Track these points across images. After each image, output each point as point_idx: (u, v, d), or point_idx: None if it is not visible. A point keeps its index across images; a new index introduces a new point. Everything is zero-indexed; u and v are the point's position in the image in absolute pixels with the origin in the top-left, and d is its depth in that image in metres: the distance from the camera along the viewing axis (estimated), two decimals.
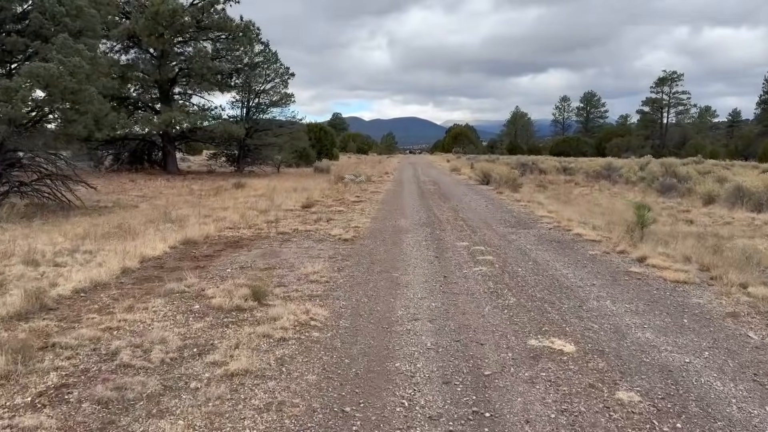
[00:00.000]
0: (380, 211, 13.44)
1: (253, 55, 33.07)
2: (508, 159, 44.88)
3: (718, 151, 76.87)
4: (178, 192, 21.37)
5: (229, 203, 15.35)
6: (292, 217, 12.11)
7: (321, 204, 15.05)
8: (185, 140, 34.97)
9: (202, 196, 19.16)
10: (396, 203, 15.36)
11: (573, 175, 30.70)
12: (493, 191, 19.30)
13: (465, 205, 14.76)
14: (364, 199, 16.20)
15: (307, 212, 13.11)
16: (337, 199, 16.31)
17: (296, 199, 15.86)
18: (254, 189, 20.87)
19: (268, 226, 10.64)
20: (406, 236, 9.63)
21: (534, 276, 6.64)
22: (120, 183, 25.97)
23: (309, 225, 10.83)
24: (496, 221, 11.68)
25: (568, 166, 32.28)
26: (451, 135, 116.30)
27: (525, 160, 34.91)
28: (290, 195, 17.06)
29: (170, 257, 7.83)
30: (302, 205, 14.29)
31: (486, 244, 8.83)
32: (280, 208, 13.76)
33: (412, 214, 12.89)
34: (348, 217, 12.23)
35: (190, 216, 12.25)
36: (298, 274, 6.65)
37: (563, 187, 22.25)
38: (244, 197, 17.28)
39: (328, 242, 8.97)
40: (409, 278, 6.52)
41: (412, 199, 16.46)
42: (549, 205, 14.65)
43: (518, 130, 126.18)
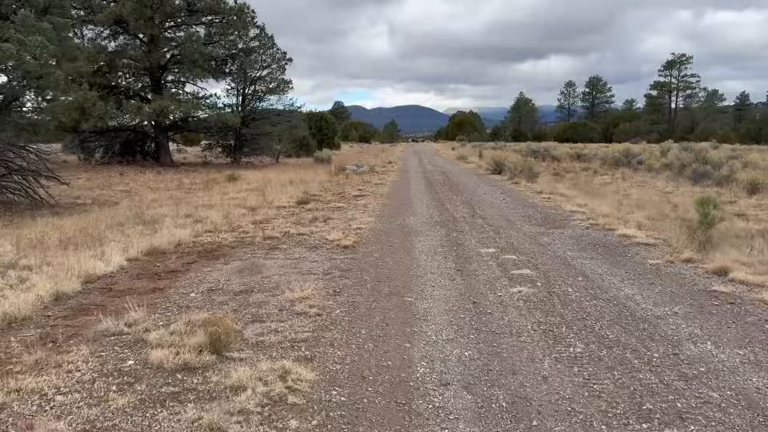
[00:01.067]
0: (385, 207, 11.83)
1: (248, 40, 31.33)
2: (517, 146, 43.12)
3: (730, 135, 74.86)
4: (166, 186, 19.80)
5: (217, 199, 13.77)
6: (284, 217, 10.51)
7: (319, 199, 13.45)
8: (179, 130, 33.30)
9: (190, 191, 17.60)
10: (403, 197, 13.75)
11: (588, 162, 29.00)
12: (507, 182, 17.66)
13: (480, 199, 13.14)
14: (366, 193, 14.59)
15: (302, 210, 11.51)
16: (337, 194, 14.70)
17: (291, 193, 14.27)
18: (248, 182, 19.29)
19: (255, 229, 9.05)
20: (417, 240, 8.03)
21: (592, 301, 5.04)
22: (108, 176, 24.44)
23: (303, 226, 9.23)
24: (520, 218, 10.07)
25: (581, 152, 30.56)
26: (455, 122, 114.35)
27: (536, 147, 33.17)
28: (285, 189, 15.46)
29: (126, 274, 6.25)
30: (297, 201, 12.69)
31: (516, 250, 7.22)
32: (272, 204, 12.17)
33: (421, 210, 11.28)
34: (349, 215, 10.62)
35: (168, 216, 10.67)
36: (281, 300, 5.06)
37: (582, 176, 20.58)
38: (235, 192, 15.69)
39: (323, 250, 7.37)
40: (427, 305, 4.93)
41: (421, 192, 14.84)
42: (575, 197, 13.01)
43: (522, 117, 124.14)
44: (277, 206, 11.99)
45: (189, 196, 15.37)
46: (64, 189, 18.00)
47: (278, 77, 32.05)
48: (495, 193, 14.56)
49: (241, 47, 31.16)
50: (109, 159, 31.46)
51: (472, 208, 11.43)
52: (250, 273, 6.13)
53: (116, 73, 29.17)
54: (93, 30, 29.53)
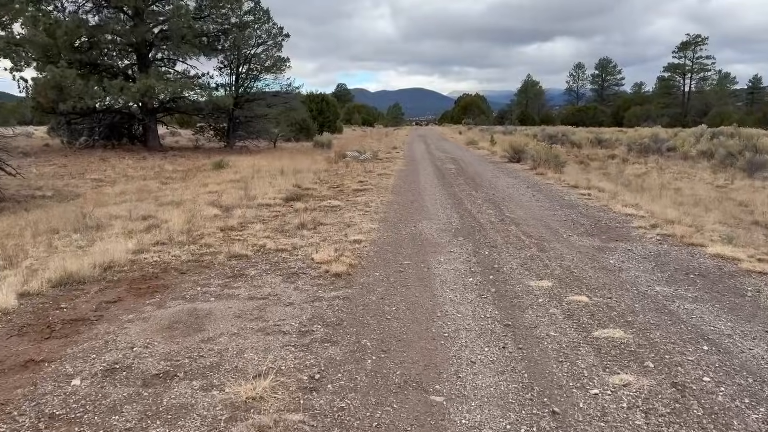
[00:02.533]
0: (391, 206, 9.64)
1: (241, 14, 28.91)
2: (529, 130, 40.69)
3: (746, 119, 72.03)
4: (144, 174, 17.66)
5: (191, 193, 11.61)
6: (264, 220, 8.34)
7: (312, 195, 11.27)
8: (168, 112, 31.02)
9: (168, 180, 15.44)
10: (411, 192, 11.56)
11: (610, 148, 26.69)
12: (530, 172, 15.43)
13: (505, 195, 10.94)
14: (369, 186, 12.40)
15: (290, 210, 9.34)
16: (335, 187, 12.51)
17: (281, 186, 12.10)
18: (235, 170, 17.12)
19: (222, 240, 6.89)
20: (436, 261, 5.88)
21: (752, 404, 2.88)
22: (87, 162, 22.32)
23: (285, 237, 7.06)
24: (563, 224, 7.89)
25: (602, 137, 28.21)
26: (461, 105, 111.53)
27: (553, 131, 30.79)
28: (275, 180, 13.29)
29: (3, 326, 4.13)
30: (285, 198, 10.51)
31: (582, 283, 5.04)
32: (254, 202, 10.00)
33: (436, 211, 9.10)
34: (346, 218, 8.44)
35: (120, 218, 8.53)
36: (213, 404, 2.92)
37: (612, 165, 18.32)
38: (217, 182, 13.53)
39: (306, 279, 5.22)
40: (471, 416, 2.80)
41: (432, 186, 12.63)
42: (619, 193, 10.81)
43: (530, 100, 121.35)
44: (259, 204, 9.82)
45: (162, 189, 13.22)
46: (29, 178, 15.90)
47: (274, 54, 29.68)
48: (520, 186, 12.35)
49: (234, 22, 28.77)
50: (93, 143, 29.26)
51: (499, 209, 9.24)
52: (186, 330, 3.97)
53: (99, 49, 26.84)
54: (74, 3, 27.22)
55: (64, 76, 23.88)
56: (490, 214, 8.73)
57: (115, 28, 26.19)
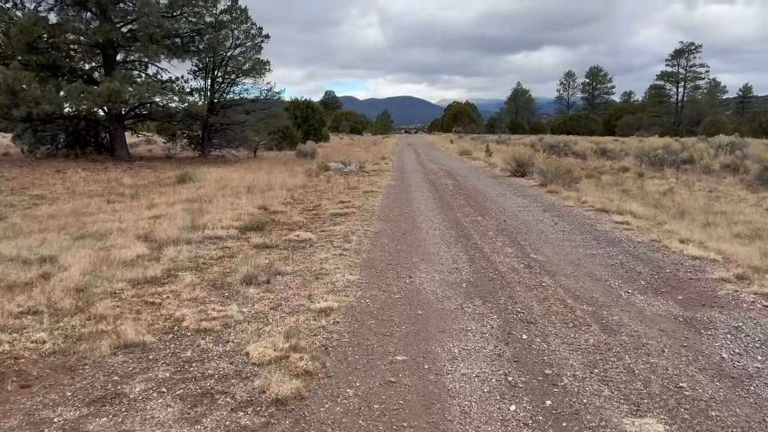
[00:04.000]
0: (378, 240, 7.39)
1: (217, 13, 26.64)
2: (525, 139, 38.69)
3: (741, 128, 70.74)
4: (94, 190, 15.26)
5: (129, 217, 9.28)
6: (202, 266, 6.05)
7: (279, 221, 8.99)
8: (138, 119, 28.58)
9: (117, 198, 13.07)
10: (403, 218, 9.32)
11: (616, 159, 24.69)
12: (540, 189, 13.27)
13: (519, 222, 8.74)
14: (351, 208, 10.13)
15: (243, 246, 7.05)
16: (309, 209, 10.23)
17: (243, 209, 9.82)
18: (199, 185, 14.82)
19: (123, 307, 4.61)
20: (447, 357, 3.62)
21: None
22: (40, 174, 19.87)
23: (218, 301, 4.78)
24: (613, 273, 5.70)
25: (607, 147, 26.19)
26: (451, 113, 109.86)
27: (553, 141, 28.70)
28: (238, 199, 11.01)
29: None
30: (243, 227, 8.23)
31: (716, 423, 2.84)
32: (200, 233, 7.71)
33: (437, 248, 6.88)
34: (315, 263, 6.17)
35: (13, 260, 6.22)
36: None
37: (626, 179, 16.23)
38: (169, 203, 11.21)
39: (222, 414, 2.96)
40: None
41: (428, 208, 10.40)
42: (661, 220, 8.65)
43: (519, 108, 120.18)
44: (205, 236, 7.54)
45: (102, 210, 10.88)
46: None
47: (253, 57, 27.38)
48: (534, 209, 10.16)
49: (208, 21, 26.47)
50: (56, 151, 26.81)
51: (519, 245, 7.03)
52: None
53: (60, 50, 24.42)
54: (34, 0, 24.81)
55: (17, 78, 21.48)
56: (510, 255, 6.52)
57: (76, 26, 23.80)
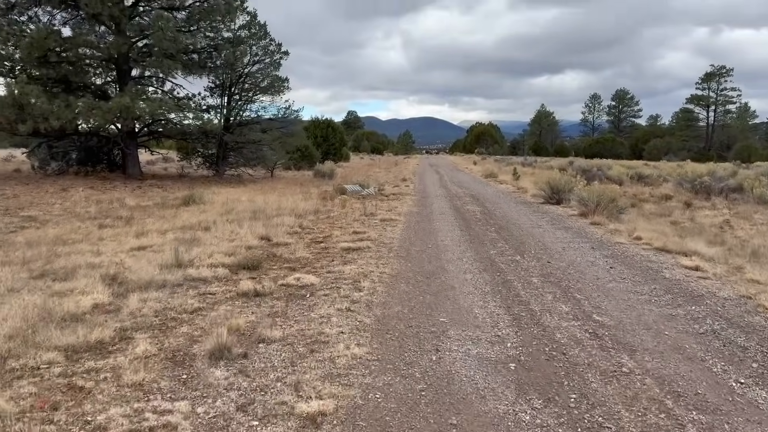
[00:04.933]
0: (395, 287, 5.96)
1: (235, 29, 25.77)
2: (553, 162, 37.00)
3: None
4: (91, 212, 14.08)
5: (111, 248, 8.00)
6: (165, 327, 4.67)
7: (280, 257, 7.61)
8: (152, 136, 27.69)
9: (107, 225, 11.84)
10: (426, 255, 7.88)
11: (653, 185, 22.99)
12: (580, 220, 11.74)
13: (567, 264, 7.24)
14: (366, 242, 8.71)
15: (227, 294, 5.68)
16: (317, 241, 8.85)
17: (242, 239, 8.49)
18: (204, 208, 13.60)
19: (18, 413, 3.25)
20: None
21: None
22: (44, 192, 18.89)
23: (163, 401, 3.40)
24: (712, 351, 4.17)
25: (643, 173, 24.49)
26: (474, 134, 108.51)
27: (586, 164, 27.07)
28: (240, 227, 9.67)
29: None
30: (237, 264, 6.87)
31: None
32: (182, 272, 6.36)
33: (469, 301, 5.42)
34: (313, 325, 4.72)
35: None
36: None
37: (674, 209, 14.58)
38: (161, 231, 9.93)
39: None
40: None
41: (455, 243, 8.94)
42: (738, 264, 7.10)
43: (543, 130, 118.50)
44: (187, 277, 6.19)
45: (88, 237, 9.63)
46: None
47: (271, 74, 26.38)
48: (581, 247, 8.64)
49: (226, 37, 25.61)
50: (67, 168, 26.02)
51: (575, 301, 5.53)
52: None
53: (72, 64, 23.67)
54: (49, 12, 24.21)
55: (24, 92, 20.69)
56: (566, 316, 5.03)
57: (89, 40, 23.02)
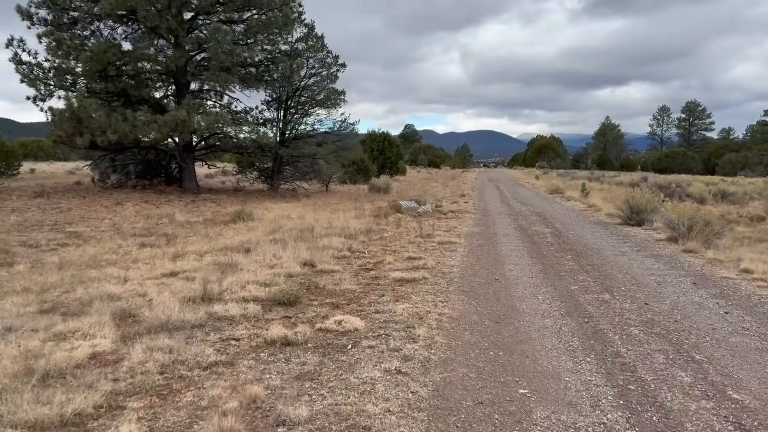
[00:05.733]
0: (457, 337, 4.77)
1: (293, 41, 25.35)
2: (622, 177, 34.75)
3: None
4: (137, 229, 13.61)
5: (141, 274, 7.22)
6: (166, 393, 3.70)
7: (322, 289, 6.57)
8: (209, 150, 27.58)
9: (149, 243, 11.22)
10: (493, 290, 6.67)
11: (739, 204, 20.81)
12: (668, 245, 10.20)
13: (670, 308, 5.87)
14: (421, 272, 7.57)
15: (260, 333, 4.68)
16: (367, 269, 7.78)
17: (284, 265, 7.56)
18: (251, 226, 12.87)
19: None
20: None
21: None
22: (99, 205, 18.82)
23: None
24: None
25: (726, 190, 22.26)
26: (535, 147, 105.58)
27: (663, 180, 24.98)
28: (283, 250, 8.76)
29: None
30: (272, 297, 5.90)
31: None
32: (210, 308, 5.44)
33: (556, 364, 4.18)
34: (355, 389, 3.66)
35: None
36: None
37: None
38: (199, 253, 9.15)
39: None
40: None
41: (528, 274, 7.68)
42: None
43: (608, 143, 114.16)
44: (210, 316, 5.25)
45: (123, 259, 8.96)
46: None
47: (328, 86, 25.78)
48: (679, 282, 7.21)
49: (283, 49, 25.23)
50: (126, 181, 26.23)
51: (697, 366, 4.22)
52: None
53: (131, 78, 23.82)
54: (110, 26, 24.52)
55: (83, 106, 20.82)
56: (692, 392, 3.73)
57: (147, 53, 23.08)
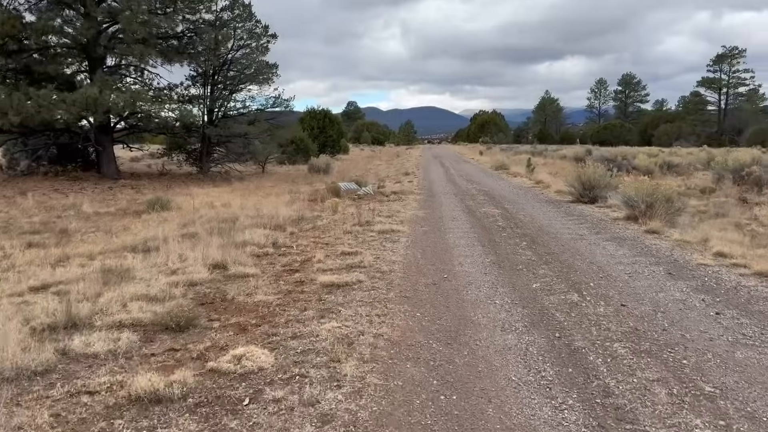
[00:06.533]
0: (397, 375, 3.58)
1: (217, 11, 23.27)
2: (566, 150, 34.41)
3: None
4: (31, 224, 11.72)
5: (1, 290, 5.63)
6: None
7: (229, 303, 5.16)
8: (130, 131, 25.24)
9: (31, 245, 9.46)
10: (443, 296, 5.48)
11: (685, 175, 20.56)
12: (627, 224, 9.34)
13: (652, 311, 4.85)
14: (356, 273, 6.29)
15: (123, 389, 3.32)
16: (292, 270, 6.44)
17: (186, 270, 6.13)
18: (168, 216, 11.25)
19: None
20: None
21: None
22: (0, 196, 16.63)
23: None
24: None
25: (672, 162, 21.99)
26: (477, 122, 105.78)
27: (609, 153, 24.50)
28: (192, 248, 7.29)
29: None
30: (158, 321, 4.51)
31: None
32: (67, 344, 4.01)
33: (532, 412, 3.07)
34: None
35: None
36: None
37: (727, 206, 12.18)
38: (91, 254, 7.57)
39: None
40: None
41: (482, 270, 6.54)
42: None
43: (548, 117, 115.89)
44: (76, 356, 3.82)
45: None
46: None
47: (258, 59, 23.89)
48: (654, 272, 6.25)
49: (207, 19, 23.12)
50: (38, 168, 23.70)
51: (720, 416, 3.18)
52: None
53: (37, 52, 21.26)
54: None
55: None
56: None
57: (52, 25, 20.58)
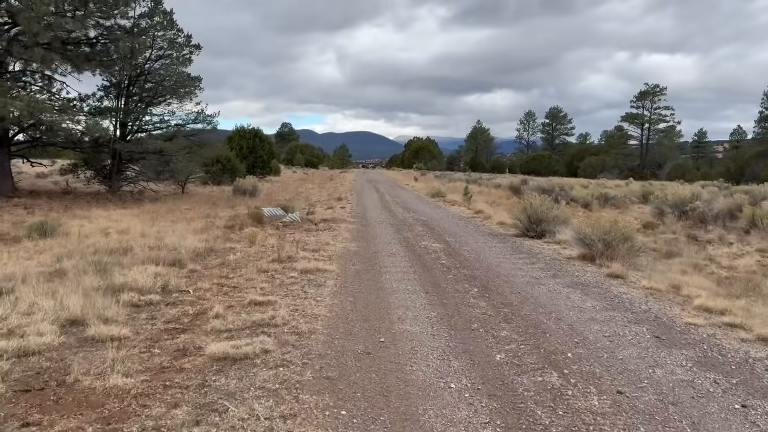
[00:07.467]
0: None
1: (134, 16, 21.24)
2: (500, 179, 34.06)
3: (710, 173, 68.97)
4: None
5: None
6: None
7: (73, 390, 3.54)
8: (32, 144, 22.52)
9: None
10: (377, 376, 4.03)
11: (622, 209, 20.22)
12: (584, 265, 8.29)
13: (680, 418, 3.67)
14: (259, 340, 4.78)
15: None
16: (176, 329, 4.84)
17: (33, 325, 4.39)
18: (48, 245, 9.28)
19: None
20: None
21: None
22: None
23: None
24: None
25: (608, 194, 21.68)
26: (412, 149, 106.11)
27: (546, 184, 24.05)
28: (53, 294, 5.53)
29: None
30: None
31: None
32: None
33: None
34: None
35: None
36: None
37: (677, 243, 11.48)
38: None
39: None
40: None
41: (427, 331, 5.14)
42: None
43: (479, 146, 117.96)
44: None
45: None
46: None
47: (178, 70, 21.93)
48: (639, 335, 5.09)
49: (122, 25, 21.04)
50: None
51: None
52: None
53: None
54: None
55: None
56: None
57: None
